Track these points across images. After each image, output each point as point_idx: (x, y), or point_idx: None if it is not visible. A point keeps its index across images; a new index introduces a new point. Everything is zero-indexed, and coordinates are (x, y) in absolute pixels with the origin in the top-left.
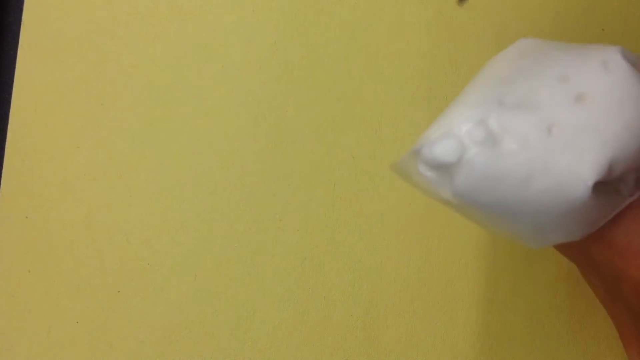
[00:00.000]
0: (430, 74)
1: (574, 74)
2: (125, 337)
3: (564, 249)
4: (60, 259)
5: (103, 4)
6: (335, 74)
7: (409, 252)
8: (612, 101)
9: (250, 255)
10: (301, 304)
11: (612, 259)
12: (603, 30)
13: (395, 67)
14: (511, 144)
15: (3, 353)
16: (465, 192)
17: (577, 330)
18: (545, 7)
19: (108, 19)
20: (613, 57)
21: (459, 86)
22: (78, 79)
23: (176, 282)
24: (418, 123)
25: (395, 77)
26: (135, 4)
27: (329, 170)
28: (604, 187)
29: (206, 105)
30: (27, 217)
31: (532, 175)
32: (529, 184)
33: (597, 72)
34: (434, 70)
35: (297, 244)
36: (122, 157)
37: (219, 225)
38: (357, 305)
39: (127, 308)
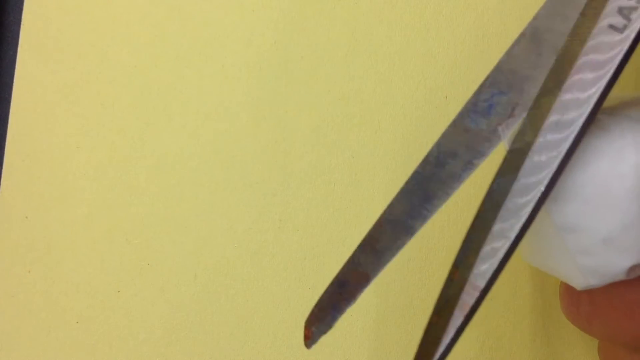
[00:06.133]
0: (430, 74)
1: None
2: (125, 337)
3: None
4: (60, 259)
5: (103, 4)
6: (335, 74)
7: (409, 252)
8: None
9: (250, 255)
10: (301, 304)
11: None
12: None
13: (395, 67)
14: None
15: (3, 353)
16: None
17: (578, 330)
18: None
19: (108, 19)
20: None
21: (459, 86)
22: (78, 79)
23: (176, 282)
24: (418, 123)
25: (395, 77)
26: (135, 4)
27: (329, 170)
28: None
29: (206, 105)
30: (27, 217)
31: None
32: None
33: None
34: (434, 70)
35: (297, 244)
36: (122, 157)
37: (219, 225)
38: (357, 305)
39: (127, 308)
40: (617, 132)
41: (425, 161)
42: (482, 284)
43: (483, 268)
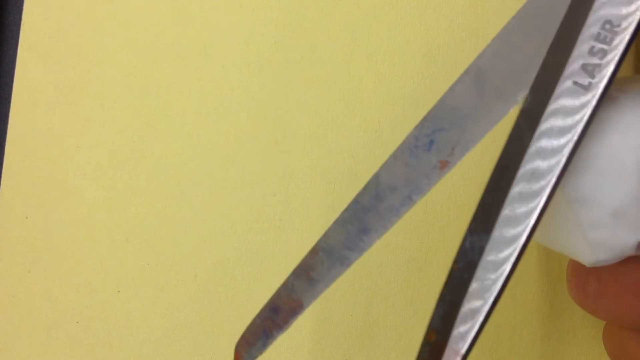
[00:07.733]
0: (430, 74)
1: None
2: (125, 337)
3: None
4: (60, 259)
5: (103, 4)
6: (335, 74)
7: (409, 252)
8: None
9: (250, 255)
10: None
11: None
12: None
13: (395, 67)
14: None
15: (3, 353)
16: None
17: (577, 329)
18: None
19: (108, 19)
20: None
21: None
22: (78, 79)
23: (176, 282)
24: None
25: (395, 77)
26: (135, 4)
27: (329, 170)
28: None
29: (206, 105)
30: (27, 217)
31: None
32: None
33: None
34: (434, 70)
35: (297, 244)
36: (122, 157)
37: (219, 225)
38: (357, 305)
39: (127, 308)
40: (629, 105)
41: (365, 192)
42: (463, 348)
43: (463, 330)
